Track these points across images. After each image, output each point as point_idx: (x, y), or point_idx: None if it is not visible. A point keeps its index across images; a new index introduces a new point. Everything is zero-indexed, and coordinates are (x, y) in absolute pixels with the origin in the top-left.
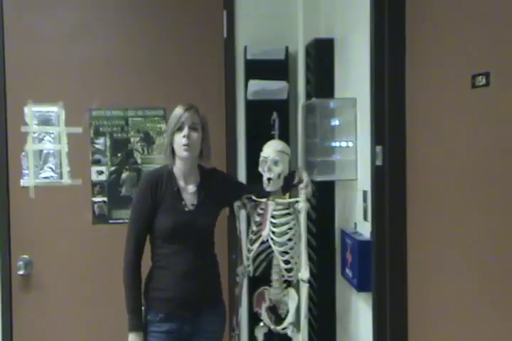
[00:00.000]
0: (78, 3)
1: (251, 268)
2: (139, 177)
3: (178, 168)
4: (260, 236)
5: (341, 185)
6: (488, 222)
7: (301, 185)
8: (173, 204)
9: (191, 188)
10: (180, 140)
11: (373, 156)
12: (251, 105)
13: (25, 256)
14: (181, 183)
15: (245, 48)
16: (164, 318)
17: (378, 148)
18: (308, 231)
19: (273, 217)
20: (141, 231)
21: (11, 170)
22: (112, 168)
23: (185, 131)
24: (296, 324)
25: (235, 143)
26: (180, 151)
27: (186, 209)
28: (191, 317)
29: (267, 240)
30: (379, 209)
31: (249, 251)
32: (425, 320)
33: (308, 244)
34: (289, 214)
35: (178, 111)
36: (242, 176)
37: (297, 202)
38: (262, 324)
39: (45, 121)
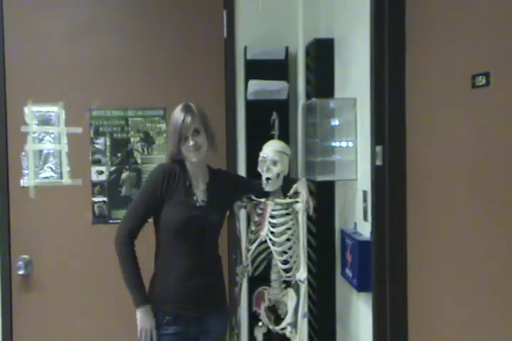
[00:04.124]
0: (78, 3)
1: (250, 268)
2: (139, 177)
3: (189, 165)
4: (259, 236)
5: (341, 185)
6: (489, 222)
7: (300, 204)
8: (185, 199)
9: (202, 186)
10: (187, 148)
11: (373, 156)
12: (251, 105)
13: (25, 256)
14: (193, 179)
15: (245, 48)
16: (171, 321)
17: (378, 148)
18: (308, 231)
19: (272, 217)
20: (145, 212)
21: (11, 170)
22: (112, 168)
23: (191, 141)
24: (295, 324)
25: (235, 143)
26: (191, 157)
27: (197, 204)
28: (197, 319)
29: (266, 240)
30: (379, 209)
31: (248, 250)
32: (425, 320)
33: (308, 244)
34: (288, 214)
35: (177, 117)
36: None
37: (296, 202)
38: (261, 324)
39: (45, 121)
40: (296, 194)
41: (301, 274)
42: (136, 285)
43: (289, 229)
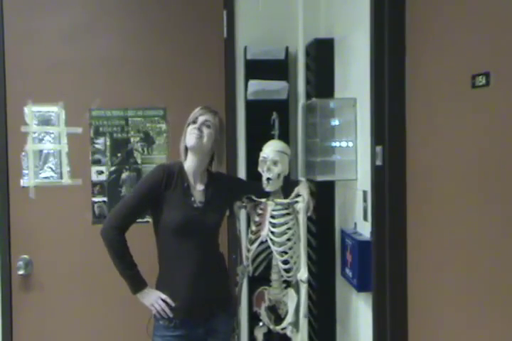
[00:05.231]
0: (78, 3)
1: (250, 268)
2: (138, 177)
3: (188, 165)
4: (259, 236)
5: (341, 185)
6: (488, 222)
7: (300, 204)
8: (182, 200)
9: (199, 186)
10: (191, 130)
11: (373, 156)
12: (251, 105)
13: (25, 256)
14: (191, 180)
15: (245, 48)
16: (179, 324)
17: (378, 148)
18: (308, 231)
19: (272, 217)
20: (139, 206)
21: (11, 170)
22: (112, 168)
23: (198, 123)
24: (296, 324)
25: (235, 143)
26: (189, 140)
27: (195, 205)
28: (205, 320)
29: (266, 240)
30: (379, 209)
31: (248, 250)
32: (425, 320)
33: (308, 244)
34: (288, 214)
35: (197, 109)
36: (242, 176)
37: (296, 202)
38: (261, 324)
39: (45, 121)
40: (298, 196)
41: (303, 274)
42: (131, 275)
43: (289, 229)
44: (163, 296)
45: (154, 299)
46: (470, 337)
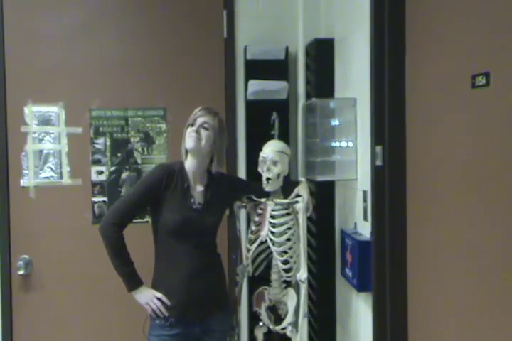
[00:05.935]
0: (78, 3)
1: (250, 268)
2: (138, 177)
3: (188, 166)
4: (259, 236)
5: (341, 185)
6: (488, 222)
7: (300, 205)
8: (182, 200)
9: (199, 188)
10: (189, 132)
11: (373, 156)
12: (251, 105)
13: (25, 256)
14: (191, 181)
15: (245, 48)
16: (174, 322)
17: (378, 148)
18: (308, 231)
19: (272, 217)
20: (138, 204)
21: (11, 170)
22: (112, 168)
23: (196, 126)
24: (295, 324)
25: (235, 143)
26: (188, 142)
27: (194, 206)
28: (201, 319)
29: (266, 240)
30: (379, 209)
31: (248, 250)
32: (425, 320)
33: (308, 244)
34: (288, 214)
35: (196, 110)
36: (242, 176)
37: (296, 202)
38: (261, 324)
39: (45, 121)
40: (297, 196)
41: (302, 274)
42: (128, 273)
43: (289, 229)
44: (159, 295)
45: (149, 297)
46: (470, 337)
